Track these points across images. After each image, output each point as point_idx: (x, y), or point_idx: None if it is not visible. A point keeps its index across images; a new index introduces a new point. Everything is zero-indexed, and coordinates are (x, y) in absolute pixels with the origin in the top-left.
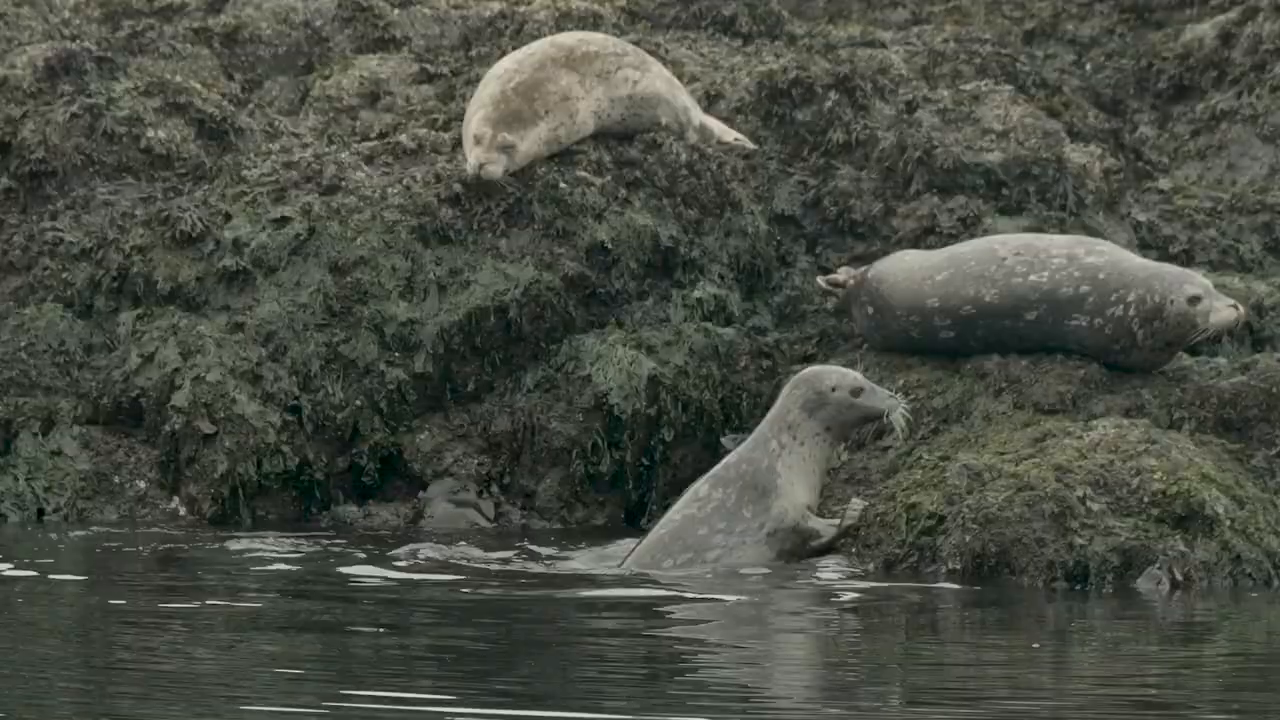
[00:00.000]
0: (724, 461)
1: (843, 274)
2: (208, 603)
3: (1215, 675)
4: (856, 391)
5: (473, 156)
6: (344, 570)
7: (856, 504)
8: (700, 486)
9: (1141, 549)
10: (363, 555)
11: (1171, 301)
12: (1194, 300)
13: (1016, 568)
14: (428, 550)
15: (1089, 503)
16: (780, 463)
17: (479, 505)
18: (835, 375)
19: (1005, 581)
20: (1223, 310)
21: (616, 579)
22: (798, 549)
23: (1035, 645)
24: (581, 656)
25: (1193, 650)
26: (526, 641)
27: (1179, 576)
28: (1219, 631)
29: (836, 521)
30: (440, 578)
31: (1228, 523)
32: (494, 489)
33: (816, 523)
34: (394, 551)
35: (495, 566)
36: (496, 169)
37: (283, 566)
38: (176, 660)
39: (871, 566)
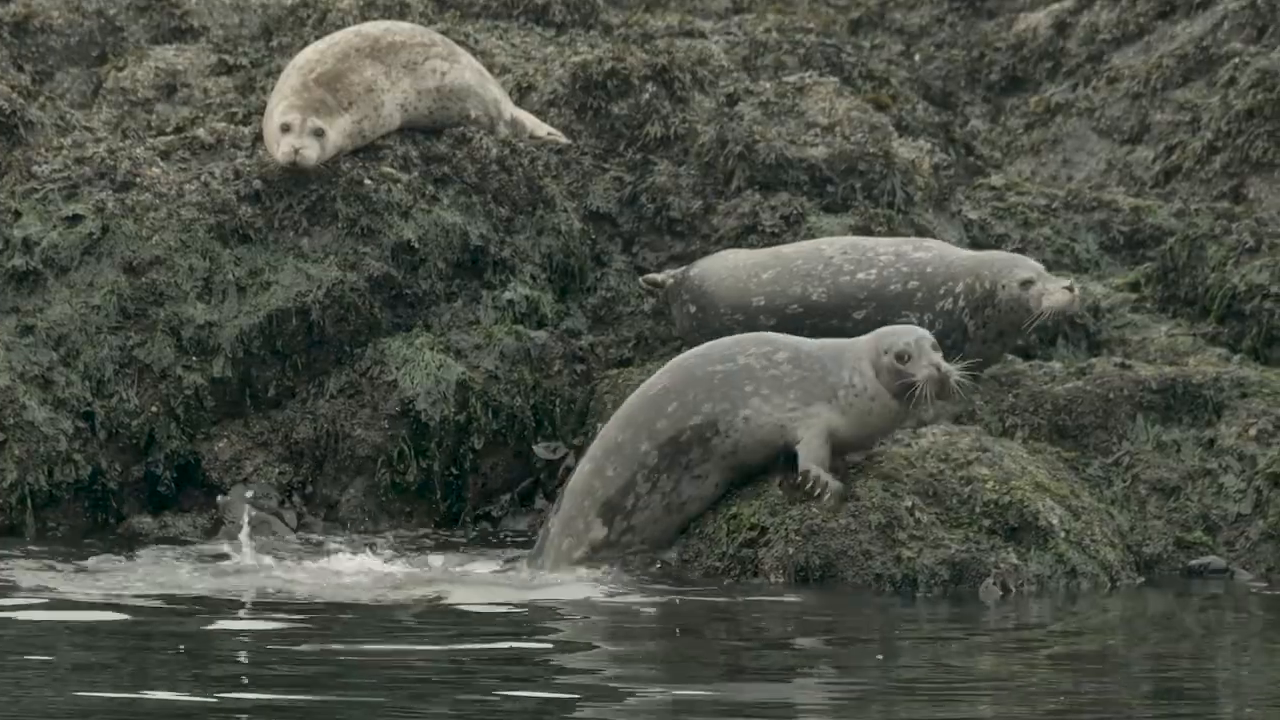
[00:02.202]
0: (811, 346)
1: (663, 275)
2: None
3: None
4: (901, 356)
5: (284, 144)
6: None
7: (835, 484)
8: (780, 354)
9: (972, 561)
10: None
11: (1003, 286)
12: (1026, 284)
13: (841, 580)
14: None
15: (917, 513)
16: (843, 395)
17: (280, 515)
18: (891, 336)
19: (830, 595)
20: (1057, 293)
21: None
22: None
23: (880, 657)
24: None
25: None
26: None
27: (1012, 589)
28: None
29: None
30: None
31: (1062, 534)
32: (295, 499)
33: (810, 453)
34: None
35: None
36: (311, 154)
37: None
38: None
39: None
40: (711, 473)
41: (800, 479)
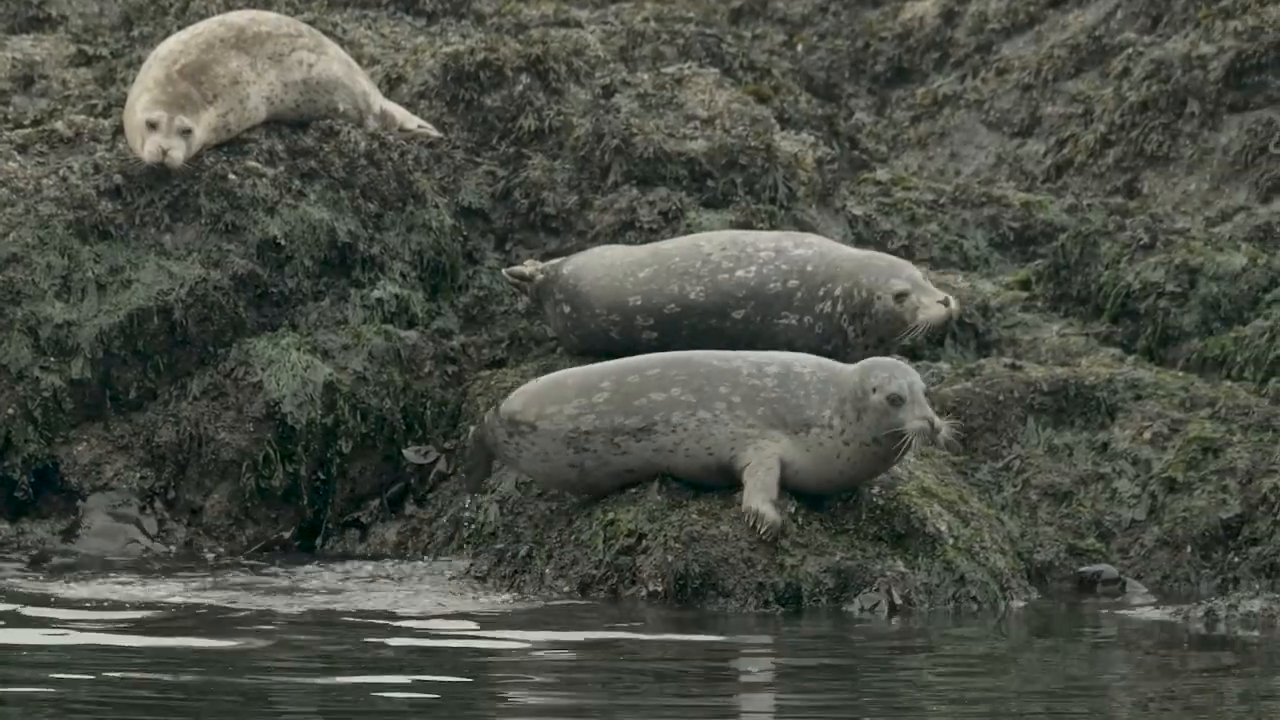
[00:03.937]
0: (800, 368)
1: (529, 266)
2: None
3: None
4: (894, 400)
5: (150, 143)
6: None
7: (776, 519)
8: (771, 367)
9: (858, 569)
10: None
11: (879, 297)
12: (901, 297)
13: (723, 590)
14: None
15: (800, 519)
16: (814, 435)
17: (140, 522)
18: (885, 373)
19: (711, 605)
20: (932, 307)
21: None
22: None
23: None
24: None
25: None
26: None
27: (898, 599)
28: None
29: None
30: None
31: (950, 541)
32: (157, 504)
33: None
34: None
35: None
36: (179, 154)
37: None
38: None
39: (566, 589)
40: (631, 453)
41: (744, 512)
